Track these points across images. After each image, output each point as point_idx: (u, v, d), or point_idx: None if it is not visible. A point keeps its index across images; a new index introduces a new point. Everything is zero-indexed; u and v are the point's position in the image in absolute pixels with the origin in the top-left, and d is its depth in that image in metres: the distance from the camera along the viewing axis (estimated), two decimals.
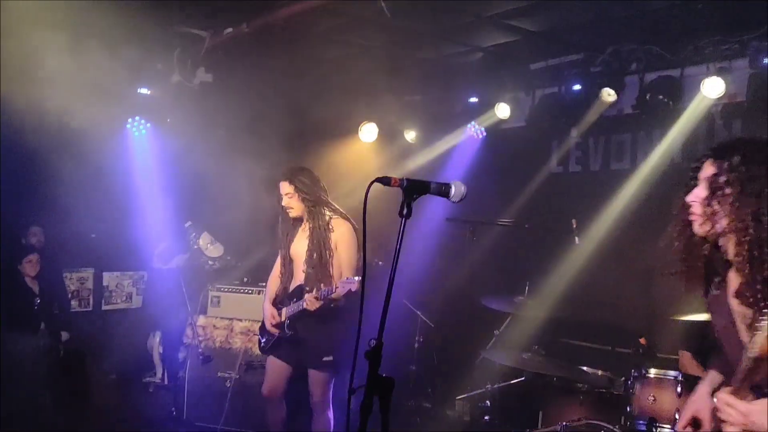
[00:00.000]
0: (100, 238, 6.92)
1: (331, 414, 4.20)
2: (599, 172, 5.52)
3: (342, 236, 4.02)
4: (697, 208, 2.01)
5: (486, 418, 4.74)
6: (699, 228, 2.01)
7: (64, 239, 6.35)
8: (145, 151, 6.44)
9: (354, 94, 6.49)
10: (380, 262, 6.39)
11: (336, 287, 3.73)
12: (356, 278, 3.71)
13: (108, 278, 7.28)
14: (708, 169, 2.00)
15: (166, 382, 6.84)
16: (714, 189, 1.95)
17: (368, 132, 6.72)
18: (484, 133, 6.17)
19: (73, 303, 6.94)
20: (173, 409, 5.88)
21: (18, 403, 5.25)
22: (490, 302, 4.79)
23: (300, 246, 4.12)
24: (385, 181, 2.04)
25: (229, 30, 4.84)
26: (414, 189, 2.07)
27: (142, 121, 6.44)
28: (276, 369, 4.23)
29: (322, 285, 3.85)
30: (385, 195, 2.12)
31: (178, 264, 6.51)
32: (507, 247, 5.67)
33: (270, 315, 4.18)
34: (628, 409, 3.73)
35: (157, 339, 6.94)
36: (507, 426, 4.78)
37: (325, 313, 3.96)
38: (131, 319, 7.20)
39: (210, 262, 6.51)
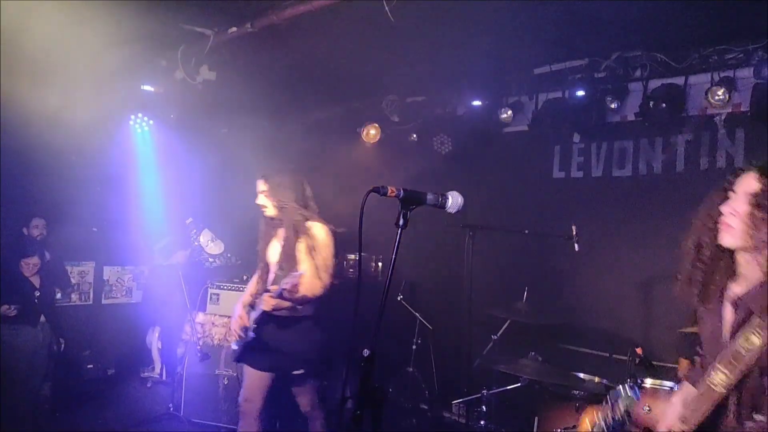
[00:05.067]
0: (101, 232, 6.95)
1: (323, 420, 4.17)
2: (601, 178, 5.50)
3: (317, 239, 3.95)
4: (733, 221, 2.01)
5: (482, 422, 4.74)
6: (733, 240, 2.01)
7: (65, 232, 6.37)
8: (147, 147, 6.47)
9: (357, 95, 6.49)
10: (380, 264, 6.41)
11: (286, 282, 3.64)
12: (300, 272, 3.64)
13: (108, 272, 7.31)
14: (752, 184, 1.99)
15: (164, 377, 6.88)
16: (759, 204, 1.95)
17: (371, 133, 6.72)
18: (486, 137, 6.15)
19: (73, 296, 6.97)
20: (170, 404, 5.91)
21: (17, 396, 5.28)
22: (489, 307, 4.80)
23: (274, 248, 4.08)
24: (381, 191, 2.03)
25: (234, 29, 4.83)
26: (410, 200, 2.07)
27: (145, 118, 6.49)
28: (249, 377, 4.11)
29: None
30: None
31: (178, 260, 6.53)
32: (506, 252, 5.66)
33: (237, 316, 4.10)
34: None
35: (156, 334, 6.97)
36: (503, 431, 4.79)
37: (289, 320, 3.91)
38: (131, 313, 7.23)
39: (210, 260, 6.53)
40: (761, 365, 1.89)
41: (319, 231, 3.98)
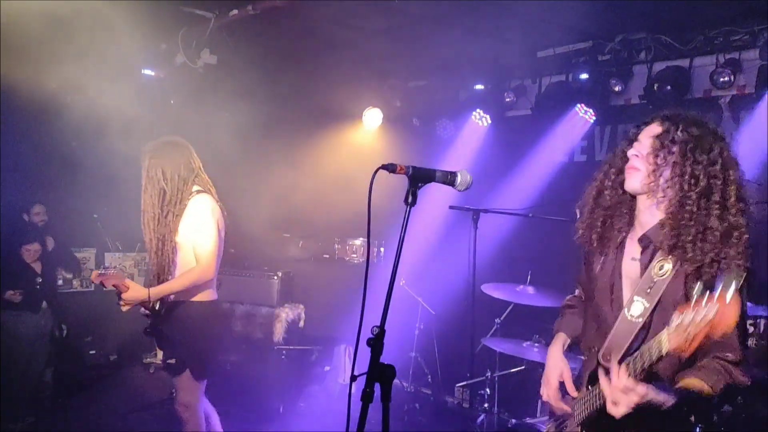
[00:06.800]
0: (102, 219, 6.92)
1: (200, 421, 3.68)
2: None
3: (194, 218, 3.47)
4: (638, 163, 2.03)
5: (485, 405, 4.75)
6: (638, 182, 2.03)
7: (66, 219, 6.35)
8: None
9: (359, 79, 6.44)
10: (382, 249, 6.40)
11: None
12: (107, 269, 3.41)
13: (110, 259, 7.28)
14: (655, 129, 2.04)
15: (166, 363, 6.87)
16: (662, 145, 1.99)
17: (373, 117, 6.69)
18: (490, 121, 6.12)
19: (75, 283, 6.95)
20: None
21: (19, 382, 5.28)
22: (492, 290, 4.79)
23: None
24: (390, 168, 2.00)
25: (235, 12, 4.79)
26: (419, 177, 2.04)
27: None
28: None
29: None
30: (389, 181, 2.09)
31: None
32: (509, 235, 5.64)
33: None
34: None
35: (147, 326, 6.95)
36: (506, 414, 4.79)
37: (173, 307, 3.54)
38: None
39: None
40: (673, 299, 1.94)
41: (200, 208, 3.49)
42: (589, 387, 2.11)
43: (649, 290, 1.98)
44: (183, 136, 3.79)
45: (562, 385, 2.27)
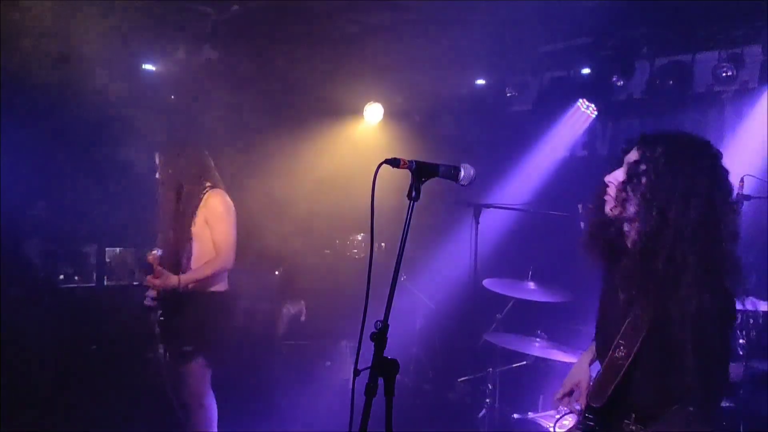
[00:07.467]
0: (103, 214, 6.92)
1: (208, 410, 3.83)
2: (606, 157, 5.48)
3: (212, 211, 3.70)
4: (611, 190, 2.04)
5: (487, 401, 4.75)
6: (609, 210, 2.05)
7: (67, 213, 6.35)
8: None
9: (360, 74, 6.43)
10: (383, 244, 6.39)
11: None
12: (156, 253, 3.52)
13: (111, 254, 7.27)
14: (633, 155, 2.03)
15: (167, 358, 6.86)
16: (631, 175, 1.98)
17: (374, 112, 6.67)
18: (491, 116, 6.12)
19: (76, 278, 6.95)
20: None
21: (20, 377, 5.29)
22: (493, 286, 4.78)
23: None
24: (393, 162, 2.01)
25: (236, 7, 4.79)
26: (423, 172, 2.05)
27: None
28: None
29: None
30: (390, 175, 2.09)
31: None
32: (511, 230, 5.64)
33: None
34: None
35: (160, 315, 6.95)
36: (508, 409, 4.80)
37: (188, 296, 3.67)
38: (134, 295, 7.20)
39: None
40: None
41: (215, 202, 3.73)
42: (586, 414, 2.15)
43: (633, 331, 1.97)
44: (183, 131, 3.87)
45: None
